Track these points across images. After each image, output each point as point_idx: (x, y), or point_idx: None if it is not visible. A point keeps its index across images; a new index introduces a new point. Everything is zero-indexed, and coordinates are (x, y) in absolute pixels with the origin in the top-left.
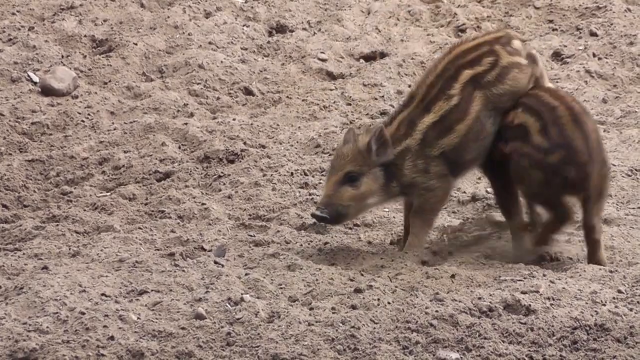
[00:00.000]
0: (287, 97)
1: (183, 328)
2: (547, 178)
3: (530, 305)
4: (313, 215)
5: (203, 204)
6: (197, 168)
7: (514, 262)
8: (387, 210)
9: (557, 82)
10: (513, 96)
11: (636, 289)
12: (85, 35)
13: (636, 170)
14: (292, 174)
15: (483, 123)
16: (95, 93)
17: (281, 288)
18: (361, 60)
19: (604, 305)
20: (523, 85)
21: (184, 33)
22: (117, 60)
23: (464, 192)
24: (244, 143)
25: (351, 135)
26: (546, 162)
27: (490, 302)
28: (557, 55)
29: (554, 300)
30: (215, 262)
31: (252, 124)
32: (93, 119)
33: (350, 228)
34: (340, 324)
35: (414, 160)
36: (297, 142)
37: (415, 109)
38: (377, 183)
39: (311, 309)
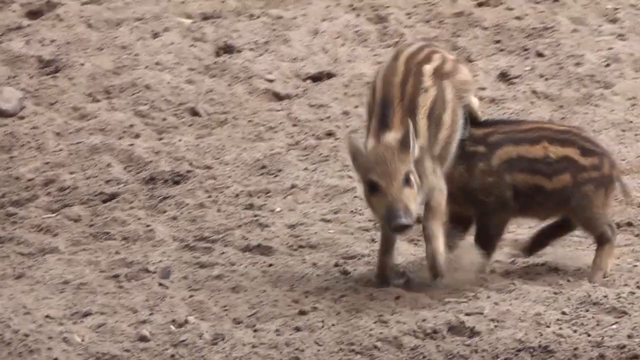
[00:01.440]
0: (234, 118)
1: (127, 350)
2: (608, 191)
3: (474, 327)
4: (400, 227)
5: (148, 225)
6: (143, 189)
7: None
8: (332, 231)
9: (503, 102)
10: (465, 90)
11: (580, 311)
12: (32, 56)
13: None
14: (237, 195)
15: (458, 113)
16: (42, 114)
17: (225, 310)
18: (308, 81)
19: (548, 327)
20: (471, 80)
21: (131, 53)
22: (64, 81)
23: None
24: (190, 164)
25: (356, 142)
26: (605, 176)
27: (434, 324)
28: (503, 76)
29: (498, 322)
30: (160, 284)
31: (198, 145)
32: (39, 139)
33: (295, 250)
34: (285, 346)
35: (425, 160)
36: (243, 163)
37: (399, 109)
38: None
39: (255, 331)
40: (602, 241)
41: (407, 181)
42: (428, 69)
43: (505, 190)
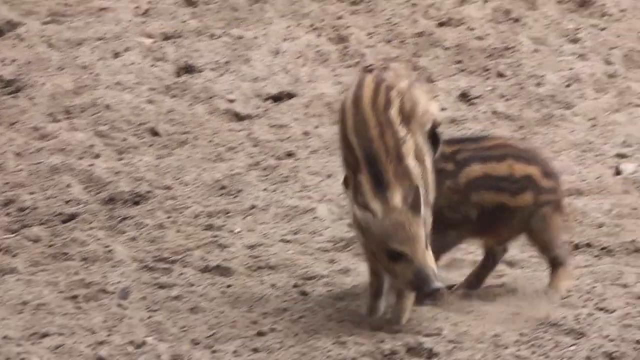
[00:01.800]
0: (194, 138)
1: None
2: (562, 215)
3: (432, 348)
4: (435, 291)
5: (107, 245)
6: (102, 210)
7: None
8: (291, 252)
9: (464, 123)
10: (428, 120)
11: (539, 332)
12: None
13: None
14: (196, 215)
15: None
16: (2, 134)
17: (184, 331)
18: (269, 101)
19: (507, 348)
20: (428, 106)
21: (91, 73)
22: (25, 101)
23: None
24: (150, 184)
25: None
26: (560, 199)
27: (392, 345)
28: (464, 96)
29: (456, 343)
30: (118, 305)
31: (158, 165)
32: None
33: (254, 270)
34: None
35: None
36: (203, 183)
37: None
38: None
39: (214, 352)
40: (555, 264)
41: (426, 244)
42: (394, 115)
43: (471, 209)
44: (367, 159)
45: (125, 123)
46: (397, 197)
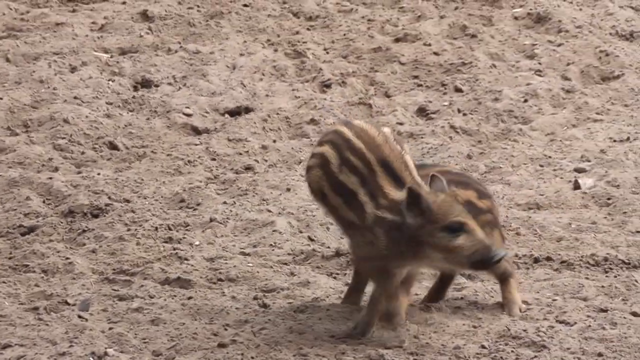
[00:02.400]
0: (152, 151)
1: None
2: (500, 231)
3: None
4: (501, 258)
5: (67, 258)
6: (62, 222)
7: None
8: (251, 264)
9: (422, 137)
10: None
11: (500, 344)
12: None
13: (501, 226)
14: (156, 228)
15: None
16: None
17: (145, 342)
18: (226, 115)
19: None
20: None
21: (49, 87)
22: None
23: (328, 247)
24: (109, 197)
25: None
26: (496, 217)
27: (354, 357)
28: (422, 111)
29: (417, 355)
30: (79, 316)
31: (116, 179)
32: None
33: (214, 283)
34: None
35: None
36: (162, 196)
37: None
38: None
39: None
40: (504, 278)
41: None
42: (388, 132)
43: None
44: (380, 162)
45: (83, 137)
46: (425, 186)
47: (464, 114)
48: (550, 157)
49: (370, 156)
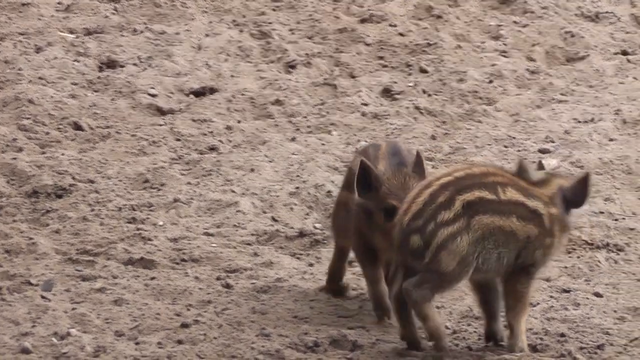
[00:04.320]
0: (117, 132)
1: None
2: None
3: (356, 340)
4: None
5: (31, 238)
6: (25, 202)
7: None
8: (214, 245)
9: (386, 118)
10: None
11: (462, 325)
12: None
13: None
14: (120, 209)
15: None
16: None
17: (108, 322)
18: (191, 96)
19: (430, 340)
20: None
21: (14, 68)
22: None
23: (292, 228)
24: (73, 178)
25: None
26: None
27: (316, 337)
28: (386, 92)
29: (380, 335)
30: (42, 297)
31: (80, 159)
32: None
33: (178, 263)
34: (166, 359)
35: None
36: (126, 177)
37: None
38: None
39: (137, 343)
40: None
41: None
42: None
43: None
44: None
45: (48, 117)
46: None
47: (429, 95)
48: (514, 137)
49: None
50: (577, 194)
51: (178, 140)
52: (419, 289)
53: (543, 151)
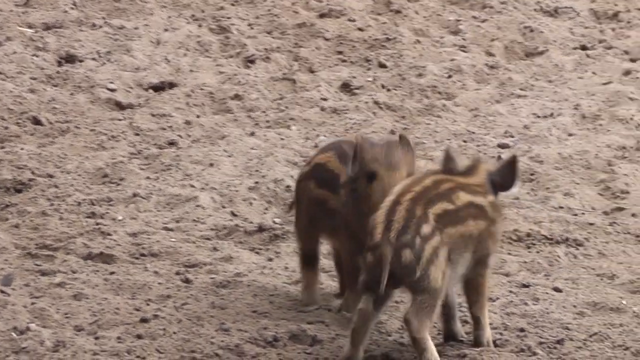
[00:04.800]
0: (76, 127)
1: None
2: None
3: (316, 335)
4: None
5: None
6: None
7: None
8: (174, 240)
9: (345, 113)
10: None
11: None
12: None
13: None
14: (79, 203)
15: None
16: None
17: (67, 317)
18: (150, 90)
19: (390, 335)
20: None
21: None
22: None
23: (251, 223)
24: (32, 172)
25: None
26: None
27: (275, 332)
28: (346, 87)
29: (340, 330)
30: (1, 291)
31: (40, 154)
32: None
33: (137, 258)
34: (126, 354)
35: None
36: (85, 171)
37: None
38: None
39: (97, 338)
40: None
41: None
42: None
43: None
44: None
45: (7, 112)
46: None
47: (388, 90)
48: (473, 132)
49: None
50: (505, 178)
51: (137, 135)
52: (418, 318)
53: (502, 146)
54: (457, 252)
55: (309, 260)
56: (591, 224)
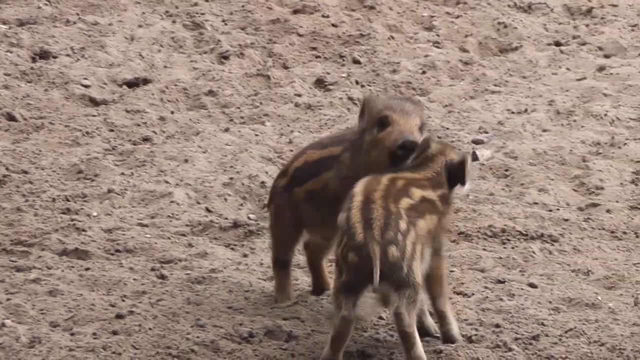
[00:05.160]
0: (50, 123)
1: None
2: None
3: (291, 331)
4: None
5: None
6: None
7: None
8: (149, 236)
9: (320, 109)
10: None
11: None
12: None
13: None
14: (54, 199)
15: None
16: None
17: (42, 313)
18: (124, 87)
19: (365, 331)
20: None
21: None
22: None
23: (226, 219)
24: (6, 169)
25: None
26: None
27: (251, 328)
28: (320, 83)
29: (315, 326)
30: None
31: (14, 150)
32: None
33: (112, 254)
34: (102, 350)
35: None
36: (60, 167)
37: None
38: None
39: (72, 334)
40: None
41: None
42: None
43: None
44: None
45: None
46: None
47: (362, 86)
48: (448, 128)
49: None
50: (457, 175)
51: (112, 131)
52: (409, 312)
53: (477, 142)
54: (425, 247)
55: (282, 264)
56: (566, 220)
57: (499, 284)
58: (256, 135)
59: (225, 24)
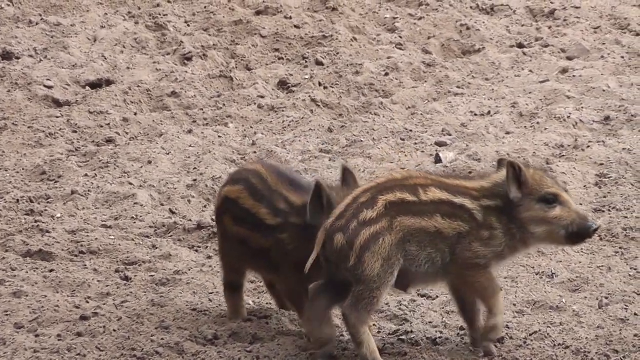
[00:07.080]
0: (13, 124)
1: None
2: None
3: (256, 333)
4: (598, 228)
5: None
6: None
7: None
8: (112, 237)
9: (283, 111)
10: None
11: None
12: None
13: None
14: (17, 201)
15: None
16: None
17: (7, 315)
18: (87, 88)
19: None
20: None
21: None
22: None
23: (190, 220)
24: None
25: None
26: None
27: (216, 330)
28: (283, 84)
29: (280, 328)
30: None
31: None
32: None
33: (76, 255)
34: (67, 352)
35: None
36: (23, 169)
37: None
38: None
39: (37, 336)
40: None
41: None
42: None
43: None
44: None
45: None
46: None
47: (325, 87)
48: (411, 130)
49: None
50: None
51: (75, 132)
52: (355, 311)
53: (440, 144)
54: (415, 245)
55: (233, 288)
56: None
57: None
58: (219, 136)
59: (188, 25)
